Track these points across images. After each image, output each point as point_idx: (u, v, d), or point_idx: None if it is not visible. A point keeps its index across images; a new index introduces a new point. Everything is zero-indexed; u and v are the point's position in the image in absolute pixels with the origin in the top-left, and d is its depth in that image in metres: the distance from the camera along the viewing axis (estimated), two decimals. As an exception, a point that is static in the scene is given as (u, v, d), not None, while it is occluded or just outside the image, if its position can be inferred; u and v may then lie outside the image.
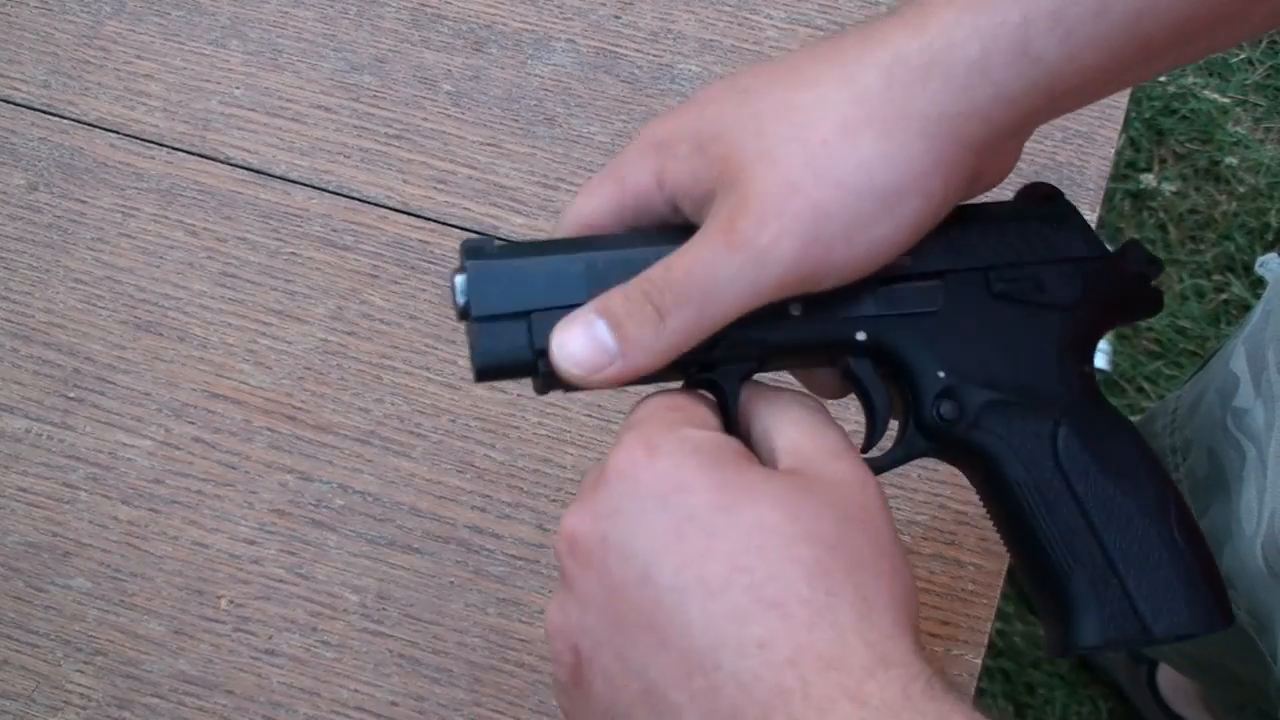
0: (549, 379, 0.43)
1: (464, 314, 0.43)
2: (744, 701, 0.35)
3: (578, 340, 0.40)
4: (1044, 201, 0.47)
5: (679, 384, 0.45)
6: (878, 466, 0.44)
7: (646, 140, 0.43)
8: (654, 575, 0.37)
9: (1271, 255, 0.77)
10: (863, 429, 0.47)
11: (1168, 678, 1.33)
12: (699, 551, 0.37)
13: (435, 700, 0.60)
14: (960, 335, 0.44)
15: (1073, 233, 0.46)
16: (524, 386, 0.45)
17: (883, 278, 0.43)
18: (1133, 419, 0.49)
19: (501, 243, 0.44)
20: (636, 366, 0.40)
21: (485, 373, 0.43)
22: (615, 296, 0.41)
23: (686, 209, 0.42)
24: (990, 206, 0.46)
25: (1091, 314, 0.46)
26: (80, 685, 0.61)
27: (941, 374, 0.44)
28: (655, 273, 0.40)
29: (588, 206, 0.44)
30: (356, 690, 0.61)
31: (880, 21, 0.40)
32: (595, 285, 0.42)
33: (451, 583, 0.63)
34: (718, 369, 0.44)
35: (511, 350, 0.42)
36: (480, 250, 0.43)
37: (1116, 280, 0.46)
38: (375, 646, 0.62)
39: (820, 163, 0.39)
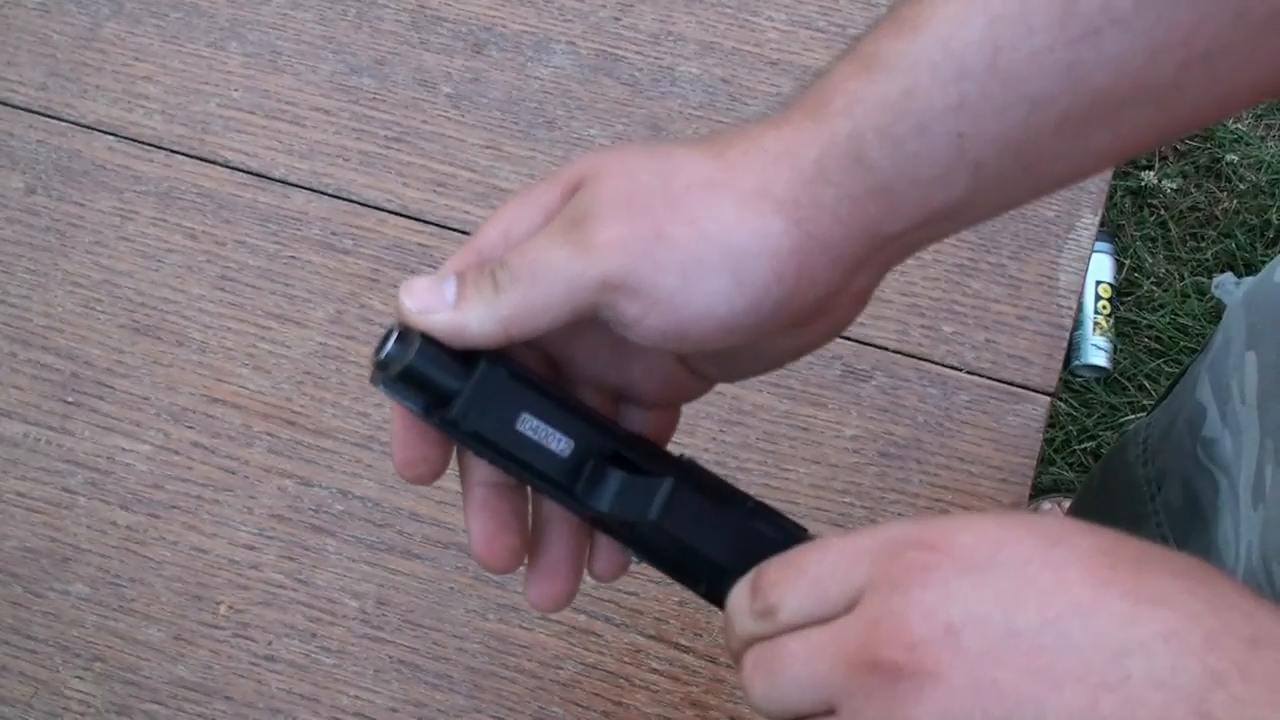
0: (476, 392, 0.41)
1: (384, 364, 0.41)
2: (1170, 699, 0.33)
3: (424, 283, 0.42)
4: None
5: None
6: None
7: (509, 199, 0.44)
8: (1019, 624, 0.35)
9: (1227, 275, 0.76)
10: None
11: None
12: (1055, 584, 0.35)
13: (435, 706, 0.60)
14: None
15: None
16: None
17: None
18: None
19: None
20: (464, 324, 0.41)
21: (410, 372, 0.41)
22: (471, 268, 0.42)
23: None
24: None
25: None
26: (79, 691, 0.61)
27: None
28: (505, 254, 0.42)
29: (450, 265, 0.44)
30: (356, 696, 0.60)
31: (739, 125, 0.43)
32: None
33: (451, 588, 0.63)
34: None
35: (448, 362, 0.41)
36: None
37: None
38: (375, 652, 0.61)
39: (678, 201, 0.40)
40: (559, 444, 0.42)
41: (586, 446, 0.42)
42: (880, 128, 0.39)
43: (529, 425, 0.42)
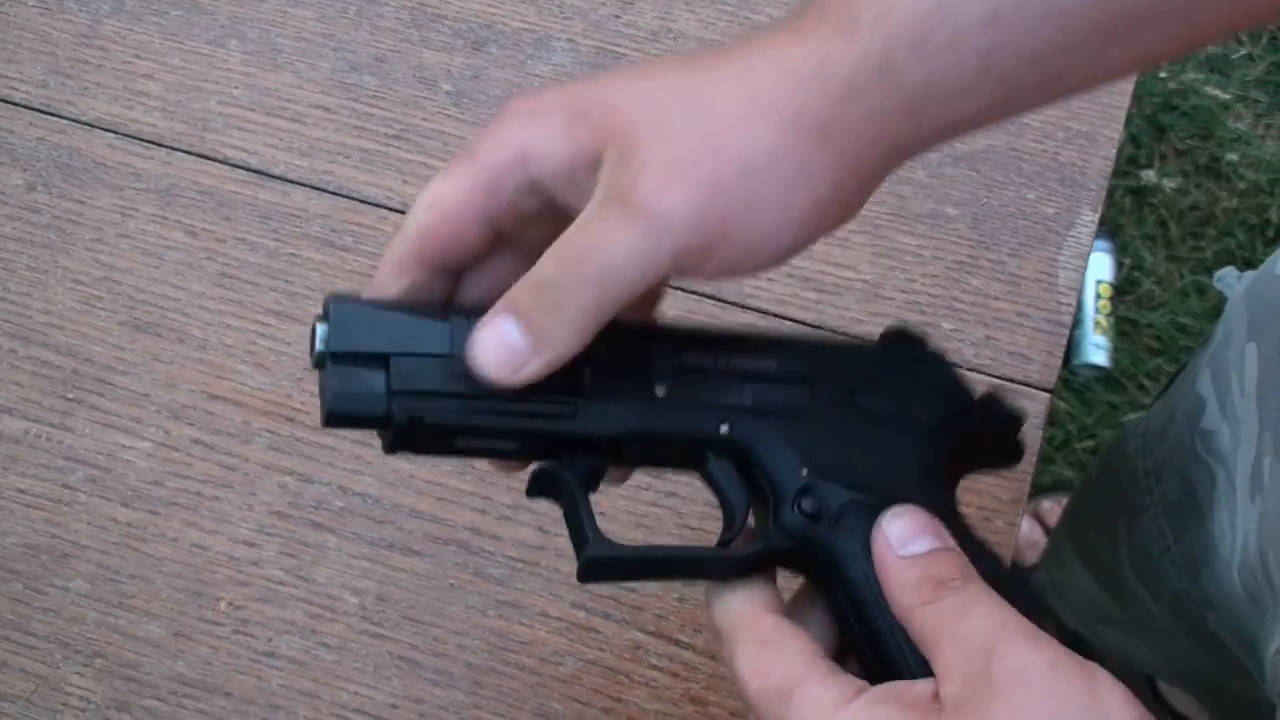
0: (399, 434, 0.41)
1: (320, 360, 0.41)
2: None
3: (489, 343, 0.40)
4: (912, 342, 0.49)
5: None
6: (731, 562, 0.43)
7: (510, 113, 0.41)
8: None
9: (1229, 269, 0.76)
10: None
11: (1169, 679, 1.33)
12: None
13: (435, 703, 0.60)
14: (825, 438, 0.44)
15: (937, 370, 0.48)
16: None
17: (747, 375, 0.44)
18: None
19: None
20: (551, 358, 0.39)
21: (335, 417, 0.40)
22: (518, 291, 0.40)
23: (555, 187, 0.40)
24: (856, 343, 0.49)
25: (951, 444, 0.46)
26: (79, 688, 0.61)
27: (805, 472, 0.44)
28: (550, 256, 0.39)
29: (442, 188, 0.41)
30: (356, 693, 0.61)
31: (760, 32, 0.42)
32: (459, 342, 0.40)
33: (451, 585, 0.63)
34: (562, 457, 0.43)
35: (366, 394, 0.40)
36: (345, 297, 0.42)
37: (977, 422, 0.48)
38: (375, 649, 0.61)
39: (719, 140, 0.39)
40: (505, 445, 0.43)
41: (531, 447, 0.43)
42: (913, 41, 0.39)
43: (466, 442, 0.42)
